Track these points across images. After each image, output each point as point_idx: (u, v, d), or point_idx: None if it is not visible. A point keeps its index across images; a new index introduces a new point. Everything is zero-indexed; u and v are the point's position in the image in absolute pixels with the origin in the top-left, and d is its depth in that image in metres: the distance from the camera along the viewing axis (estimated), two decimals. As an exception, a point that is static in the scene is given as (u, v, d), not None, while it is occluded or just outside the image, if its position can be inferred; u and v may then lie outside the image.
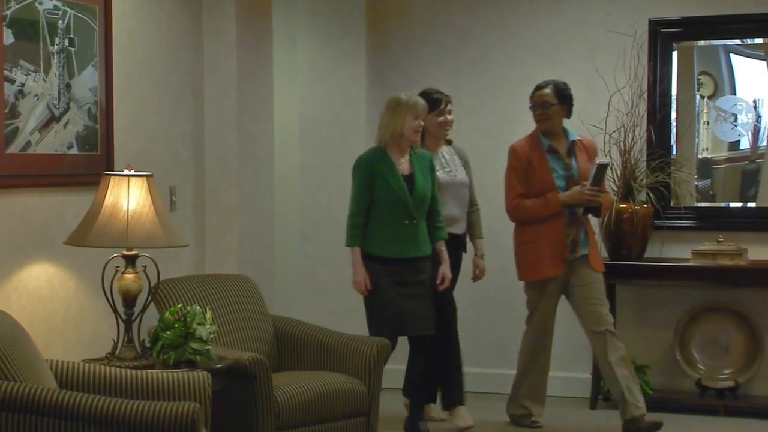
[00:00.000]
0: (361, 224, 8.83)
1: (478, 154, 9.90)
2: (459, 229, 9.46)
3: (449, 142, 9.56)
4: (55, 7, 7.57)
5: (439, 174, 9.22)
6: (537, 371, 9.43)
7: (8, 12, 7.12)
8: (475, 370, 10.29)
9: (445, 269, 8.96)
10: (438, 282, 8.93)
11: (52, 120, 7.58)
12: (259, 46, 9.79)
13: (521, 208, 8.90)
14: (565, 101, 8.83)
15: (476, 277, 9.82)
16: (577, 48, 10.74)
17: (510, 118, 10.27)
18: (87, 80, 7.95)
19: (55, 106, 7.62)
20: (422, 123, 8.83)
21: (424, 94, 9.23)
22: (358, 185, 8.86)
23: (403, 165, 8.84)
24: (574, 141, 8.93)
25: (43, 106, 7.50)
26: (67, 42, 7.69)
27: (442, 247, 8.98)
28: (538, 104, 8.98)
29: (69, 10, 7.70)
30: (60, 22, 7.65)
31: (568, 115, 8.95)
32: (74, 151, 7.82)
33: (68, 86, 7.75)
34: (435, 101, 9.20)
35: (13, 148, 7.23)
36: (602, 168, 8.70)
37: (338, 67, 11.48)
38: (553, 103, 8.64)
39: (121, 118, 8.30)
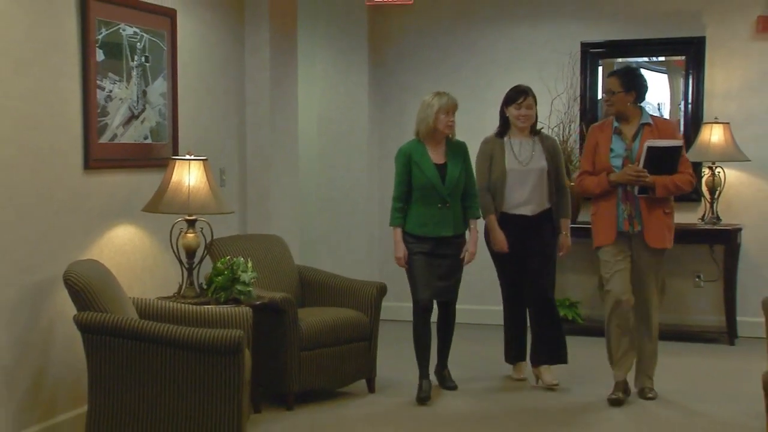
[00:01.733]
0: (402, 208, 7.90)
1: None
2: (530, 210, 8.03)
3: (536, 133, 8.18)
4: (135, 33, 7.65)
5: (509, 161, 8.05)
6: (623, 343, 7.75)
7: (99, 36, 7.21)
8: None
9: (470, 245, 7.95)
10: (461, 256, 7.94)
11: (132, 118, 7.66)
12: (287, 61, 9.75)
13: (581, 185, 7.62)
14: (632, 88, 7.31)
15: (563, 254, 8.45)
16: (527, 63, 10.69)
17: (477, 116, 9.97)
18: (158, 87, 8.01)
19: (135, 107, 7.69)
20: (453, 118, 7.85)
21: (512, 88, 8.26)
22: (398, 173, 7.93)
23: (438, 154, 7.86)
24: (644, 124, 7.38)
25: (126, 107, 7.58)
26: (143, 59, 7.75)
27: (473, 225, 7.97)
28: (604, 91, 7.79)
29: (145, 34, 7.77)
30: (138, 44, 7.73)
31: (638, 100, 7.42)
32: (149, 141, 7.89)
33: (144, 92, 7.82)
34: (514, 95, 8.07)
35: (104, 139, 7.33)
36: (654, 150, 7.05)
37: (346, 77, 11.42)
38: (617, 90, 7.24)
39: (184, 116, 8.34)
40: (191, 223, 7.37)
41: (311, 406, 7.65)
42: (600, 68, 10.74)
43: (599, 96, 10.76)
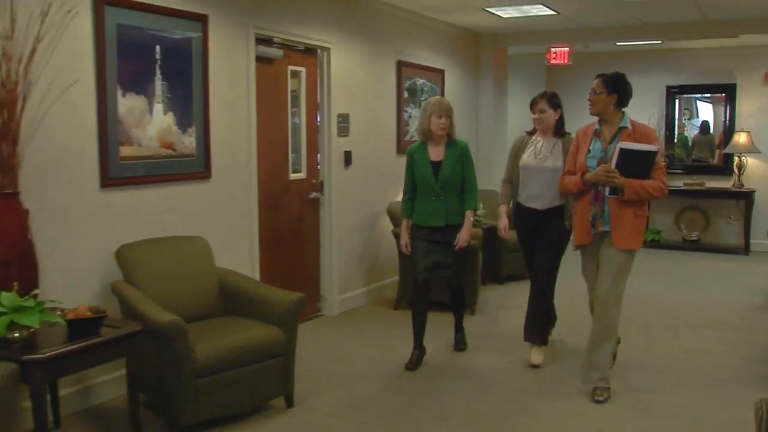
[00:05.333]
0: (408, 199, 5.41)
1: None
2: (540, 204, 5.28)
3: (561, 135, 5.36)
4: (423, 82, 7.84)
5: (526, 158, 5.33)
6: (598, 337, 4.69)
7: (405, 85, 7.46)
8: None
9: (462, 233, 5.25)
10: (455, 243, 5.26)
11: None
12: (502, 99, 9.65)
13: (562, 184, 4.93)
14: (614, 91, 4.76)
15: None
16: (635, 97, 10.41)
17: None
18: None
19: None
20: (445, 121, 5.33)
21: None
22: (406, 169, 5.45)
23: (436, 153, 5.33)
24: (622, 127, 4.78)
25: (417, 122, 7.45)
26: (426, 96, 7.83)
27: (467, 215, 5.27)
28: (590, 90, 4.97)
29: (428, 83, 7.94)
30: (424, 87, 7.89)
31: (619, 104, 4.79)
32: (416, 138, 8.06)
33: (426, 114, 8.02)
34: (531, 102, 5.57)
35: (406, 138, 7.51)
36: (626, 152, 4.48)
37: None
38: (599, 91, 4.72)
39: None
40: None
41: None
42: (677, 101, 10.46)
43: (676, 116, 10.51)
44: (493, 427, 4.15)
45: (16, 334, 3.29)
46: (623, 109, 4.66)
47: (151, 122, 4.65)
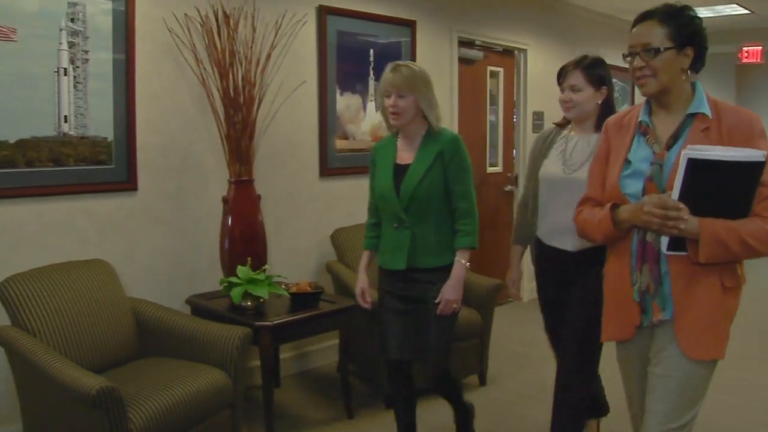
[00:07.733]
0: (372, 225, 3.02)
1: None
2: (570, 243, 2.69)
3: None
4: (614, 82, 7.50)
5: (550, 164, 2.82)
6: None
7: None
8: None
9: (446, 289, 2.78)
10: (436, 300, 2.78)
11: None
12: None
13: (578, 221, 2.01)
14: (688, 43, 1.71)
15: None
16: None
17: None
18: (623, 107, 7.91)
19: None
20: (395, 101, 2.79)
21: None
22: (370, 178, 3.02)
23: (407, 153, 2.87)
24: (693, 114, 1.74)
25: None
26: (617, 95, 7.68)
27: (458, 258, 2.83)
28: (632, 48, 1.78)
29: (619, 82, 7.63)
30: (616, 86, 7.51)
31: (695, 66, 1.78)
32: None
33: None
34: (558, 74, 2.95)
35: None
36: (701, 165, 1.52)
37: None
38: (666, 46, 1.70)
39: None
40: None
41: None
42: None
43: None
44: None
45: (249, 303, 3.48)
46: (694, 80, 2.03)
47: (364, 118, 4.78)
